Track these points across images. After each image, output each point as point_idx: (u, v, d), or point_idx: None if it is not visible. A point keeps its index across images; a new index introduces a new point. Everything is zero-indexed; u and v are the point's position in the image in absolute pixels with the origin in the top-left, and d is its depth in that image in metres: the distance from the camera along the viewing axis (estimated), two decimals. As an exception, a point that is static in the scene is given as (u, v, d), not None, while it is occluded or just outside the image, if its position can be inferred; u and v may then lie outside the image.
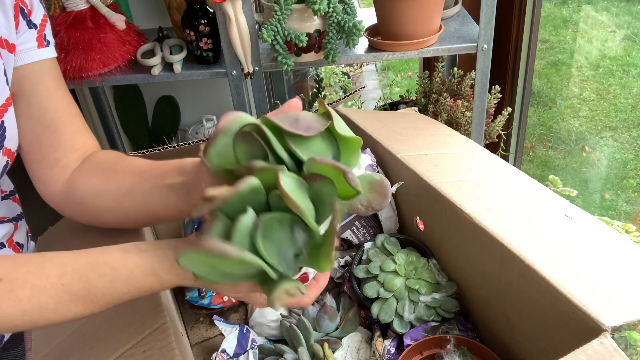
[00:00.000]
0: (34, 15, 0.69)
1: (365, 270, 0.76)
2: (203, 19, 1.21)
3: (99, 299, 0.51)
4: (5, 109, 0.65)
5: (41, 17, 0.70)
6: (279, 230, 0.44)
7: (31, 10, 0.68)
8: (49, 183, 0.69)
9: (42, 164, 0.69)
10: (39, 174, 0.70)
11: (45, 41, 0.70)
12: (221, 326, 0.79)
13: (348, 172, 0.43)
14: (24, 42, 0.67)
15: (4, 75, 0.65)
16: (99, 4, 1.19)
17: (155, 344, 0.56)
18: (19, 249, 0.78)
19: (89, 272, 0.50)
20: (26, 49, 0.67)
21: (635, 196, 1.96)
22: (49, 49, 0.70)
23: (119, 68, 1.25)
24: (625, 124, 2.18)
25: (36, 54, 0.68)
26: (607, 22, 2.53)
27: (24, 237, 0.80)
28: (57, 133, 0.69)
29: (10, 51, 0.65)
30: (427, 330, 0.70)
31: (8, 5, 0.64)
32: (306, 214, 0.42)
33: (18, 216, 0.79)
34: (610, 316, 0.50)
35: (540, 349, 0.60)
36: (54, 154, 0.69)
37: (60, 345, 0.61)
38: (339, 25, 1.09)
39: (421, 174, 0.75)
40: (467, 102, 1.30)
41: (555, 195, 0.72)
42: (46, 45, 0.70)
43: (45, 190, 0.70)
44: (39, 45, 0.69)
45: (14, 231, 0.77)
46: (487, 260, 0.65)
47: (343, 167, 0.43)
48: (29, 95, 0.67)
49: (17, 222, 0.78)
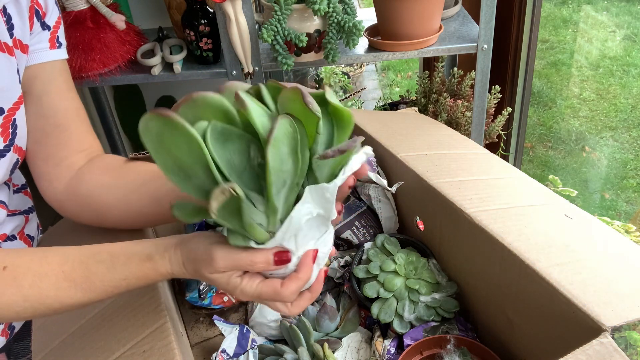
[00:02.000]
0: (48, 17, 0.70)
1: (365, 270, 0.76)
2: (203, 19, 1.21)
3: (97, 286, 0.52)
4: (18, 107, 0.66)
5: (55, 19, 0.71)
6: (235, 143, 0.45)
7: (46, 12, 0.69)
8: (53, 181, 0.70)
9: (47, 162, 0.70)
10: (43, 171, 0.71)
11: (58, 43, 0.71)
12: (221, 326, 0.79)
13: (306, 95, 0.44)
14: (37, 43, 0.68)
15: (17, 74, 0.66)
16: (99, 4, 1.19)
17: (155, 344, 0.56)
18: (29, 241, 0.79)
19: (89, 259, 0.52)
20: (38, 49, 0.69)
21: (635, 196, 1.96)
22: (60, 50, 0.71)
23: (119, 68, 1.25)
24: (625, 124, 2.18)
25: (48, 55, 0.69)
26: (607, 22, 2.53)
27: (34, 230, 0.81)
28: (66, 133, 0.70)
29: (23, 51, 0.66)
30: (427, 330, 0.70)
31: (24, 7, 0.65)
32: (255, 119, 0.43)
33: (29, 209, 0.80)
34: (610, 316, 0.50)
35: (540, 349, 0.60)
36: (60, 153, 0.70)
37: (60, 345, 0.61)
38: (339, 25, 1.09)
39: (421, 174, 0.75)
40: (467, 102, 1.30)
41: (555, 195, 0.72)
42: (58, 46, 0.71)
43: (49, 188, 0.71)
44: (51, 46, 0.70)
45: (25, 224, 0.78)
46: (487, 260, 0.65)
47: (302, 89, 0.44)
48: (40, 94, 0.69)
49: (28, 215, 0.79)
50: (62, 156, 0.70)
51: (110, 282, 0.52)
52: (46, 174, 0.70)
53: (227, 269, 0.50)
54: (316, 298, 0.55)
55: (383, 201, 0.84)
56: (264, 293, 0.51)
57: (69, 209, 0.73)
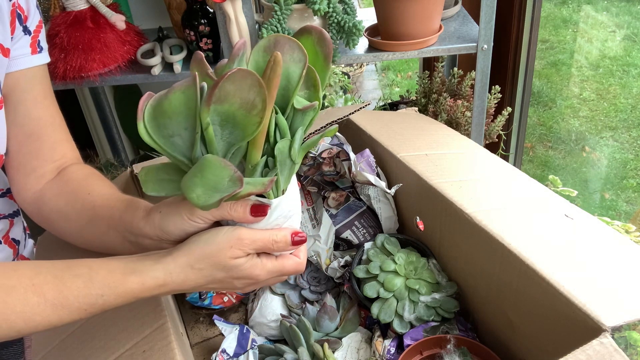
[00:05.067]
0: (30, 21, 0.69)
1: (365, 270, 0.76)
2: (203, 19, 1.21)
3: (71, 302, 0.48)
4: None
5: (37, 22, 0.70)
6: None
7: (27, 17, 0.68)
8: (22, 190, 0.69)
9: (19, 171, 0.69)
10: (14, 179, 0.69)
11: (39, 47, 0.70)
12: (221, 326, 0.79)
13: None
14: (19, 48, 0.67)
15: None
16: (99, 4, 1.19)
17: (155, 344, 0.56)
18: (14, 245, 0.79)
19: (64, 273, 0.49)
20: (20, 55, 0.67)
21: (635, 196, 1.96)
22: (41, 55, 0.70)
23: (119, 68, 1.25)
24: (625, 124, 2.18)
25: (29, 61, 0.68)
26: (607, 22, 2.53)
27: (20, 234, 0.80)
28: (38, 142, 0.68)
29: (5, 55, 0.65)
30: (427, 330, 0.70)
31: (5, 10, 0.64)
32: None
33: (14, 213, 0.79)
34: (610, 316, 0.50)
35: (540, 349, 0.60)
36: (31, 163, 0.68)
37: (60, 345, 0.61)
38: (339, 25, 1.09)
39: (421, 174, 0.75)
40: (467, 102, 1.30)
41: (555, 195, 0.72)
42: (39, 51, 0.70)
43: (19, 196, 0.70)
44: (33, 51, 0.69)
45: (10, 227, 0.78)
46: (487, 260, 0.65)
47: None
48: (16, 102, 0.67)
49: (13, 219, 0.78)
50: (33, 166, 0.68)
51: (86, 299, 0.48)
52: (17, 182, 0.69)
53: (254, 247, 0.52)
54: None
55: (383, 201, 0.84)
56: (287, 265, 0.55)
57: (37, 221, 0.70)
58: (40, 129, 0.69)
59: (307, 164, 0.87)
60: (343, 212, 0.84)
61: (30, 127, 0.68)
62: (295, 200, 0.54)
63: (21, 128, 0.68)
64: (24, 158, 0.68)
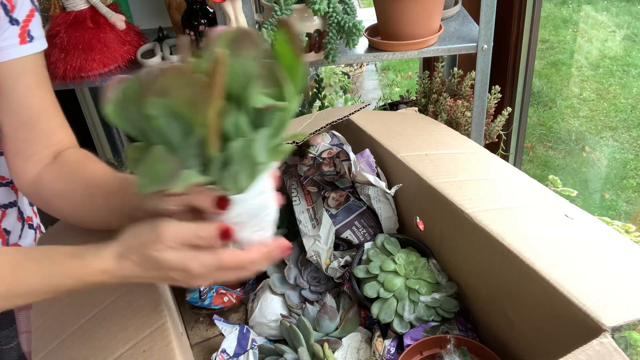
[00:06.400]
0: (17, 11, 0.68)
1: (365, 270, 0.76)
2: (203, 19, 1.21)
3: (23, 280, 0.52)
4: None
5: (27, 12, 0.70)
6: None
7: (14, 7, 0.68)
8: (21, 175, 0.71)
9: (17, 157, 0.71)
10: (13, 165, 0.71)
11: (29, 37, 0.69)
12: (221, 326, 0.79)
13: None
14: (6, 39, 0.67)
15: None
16: (99, 4, 1.19)
17: (155, 344, 0.56)
18: (5, 235, 0.80)
19: (21, 255, 0.53)
20: (8, 46, 0.67)
21: (635, 196, 1.96)
22: (32, 44, 0.70)
23: (119, 68, 1.25)
24: (625, 124, 2.19)
25: (17, 51, 0.68)
26: (607, 22, 2.53)
27: (12, 225, 0.82)
28: (33, 130, 0.70)
29: None
30: (427, 330, 0.70)
31: None
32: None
33: (10, 204, 0.80)
34: (610, 316, 0.50)
35: (540, 349, 0.60)
36: (29, 149, 0.70)
37: (60, 345, 0.61)
38: (339, 25, 1.09)
39: (421, 174, 0.75)
40: (467, 102, 1.30)
41: (555, 195, 0.72)
42: (29, 41, 0.69)
43: (18, 180, 0.72)
44: (21, 41, 0.68)
45: (2, 218, 0.78)
46: (487, 260, 0.65)
47: None
48: (9, 92, 0.68)
49: (6, 210, 0.79)
50: (30, 152, 0.70)
51: (37, 278, 0.52)
52: (16, 167, 0.71)
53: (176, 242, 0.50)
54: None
55: (383, 201, 0.84)
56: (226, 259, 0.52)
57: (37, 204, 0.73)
58: (34, 117, 0.70)
59: (307, 164, 0.87)
60: (343, 212, 0.84)
61: (24, 115, 0.69)
62: (263, 200, 0.54)
63: (15, 116, 0.69)
64: (21, 145, 0.70)
